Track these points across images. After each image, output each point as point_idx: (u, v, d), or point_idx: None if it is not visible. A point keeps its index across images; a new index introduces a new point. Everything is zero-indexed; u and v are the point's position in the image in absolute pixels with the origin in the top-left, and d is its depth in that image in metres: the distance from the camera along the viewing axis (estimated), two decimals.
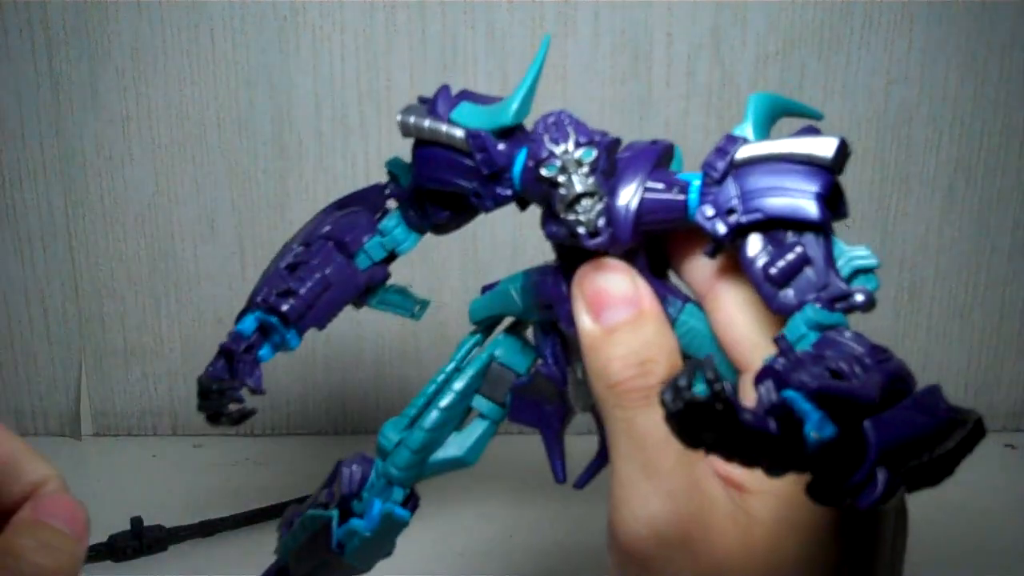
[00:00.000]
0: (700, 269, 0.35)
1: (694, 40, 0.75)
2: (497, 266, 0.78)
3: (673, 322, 0.35)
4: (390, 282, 0.44)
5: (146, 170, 0.77)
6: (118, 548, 0.63)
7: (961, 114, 0.77)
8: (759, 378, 0.25)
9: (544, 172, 0.33)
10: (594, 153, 0.33)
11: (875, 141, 0.77)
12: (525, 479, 0.42)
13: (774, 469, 0.24)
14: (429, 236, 0.43)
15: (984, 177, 0.78)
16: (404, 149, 0.41)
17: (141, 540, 0.64)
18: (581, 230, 0.33)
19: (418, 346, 0.80)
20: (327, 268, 0.41)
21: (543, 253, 0.38)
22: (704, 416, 0.23)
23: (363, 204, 0.43)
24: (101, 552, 0.63)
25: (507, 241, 0.78)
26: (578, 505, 0.41)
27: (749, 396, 0.26)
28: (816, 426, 0.23)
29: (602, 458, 0.40)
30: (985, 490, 0.72)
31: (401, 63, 0.75)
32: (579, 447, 0.42)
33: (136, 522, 0.64)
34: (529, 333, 0.42)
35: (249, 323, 0.41)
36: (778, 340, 0.28)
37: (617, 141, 0.35)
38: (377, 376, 0.81)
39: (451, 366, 0.43)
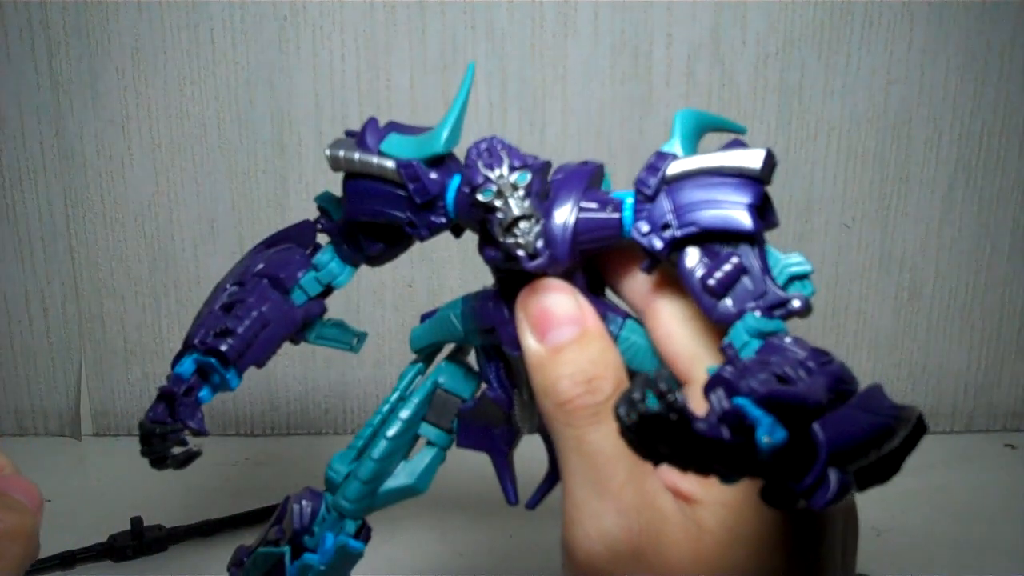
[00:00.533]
0: (637, 285, 0.36)
1: (694, 40, 0.75)
2: None
3: (615, 338, 0.36)
4: (327, 316, 0.44)
5: (146, 170, 0.77)
6: (118, 548, 0.63)
7: (961, 114, 0.77)
8: (709, 387, 0.26)
9: (480, 197, 0.34)
10: (528, 176, 0.34)
11: (875, 141, 0.77)
12: (527, 480, 0.42)
13: (728, 476, 0.25)
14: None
15: (984, 177, 0.78)
16: (337, 181, 0.41)
17: (141, 540, 0.64)
18: (520, 252, 0.33)
19: None
20: (263, 305, 0.41)
21: None
22: (659, 428, 0.23)
23: (293, 241, 0.43)
24: (101, 552, 0.63)
25: None
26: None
27: (694, 407, 0.27)
28: (767, 431, 0.24)
29: (552, 477, 0.41)
30: (985, 490, 0.72)
31: (401, 63, 0.75)
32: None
33: (136, 522, 0.64)
34: (471, 359, 0.42)
35: (188, 365, 0.41)
36: (725, 348, 0.29)
37: (548, 164, 0.36)
38: (377, 376, 0.81)
39: (395, 396, 0.43)
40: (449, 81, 0.75)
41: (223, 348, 0.40)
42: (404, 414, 0.42)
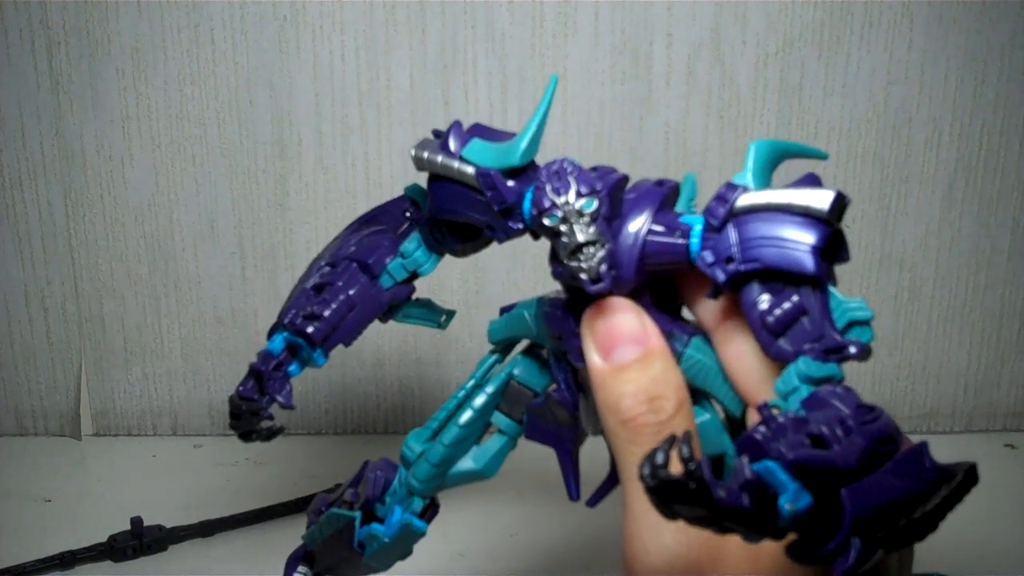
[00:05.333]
0: (710, 304, 0.36)
1: (694, 40, 0.75)
2: (497, 266, 0.78)
3: (680, 356, 0.36)
4: (414, 296, 0.45)
5: (146, 170, 0.77)
6: (118, 548, 0.63)
7: (961, 114, 0.77)
8: (739, 449, 0.26)
9: (546, 222, 0.34)
10: (595, 204, 0.34)
11: (875, 141, 0.77)
12: (530, 478, 0.43)
13: (750, 537, 0.25)
14: None
15: (984, 177, 0.78)
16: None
17: (141, 540, 0.64)
18: (583, 276, 0.34)
19: (418, 346, 0.80)
20: (351, 289, 0.42)
21: (543, 252, 0.38)
22: (680, 492, 0.24)
23: (387, 221, 0.45)
24: (101, 552, 0.63)
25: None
26: (582, 506, 0.42)
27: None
28: (791, 497, 0.24)
29: (613, 479, 0.41)
30: (985, 490, 0.72)
31: (401, 63, 0.75)
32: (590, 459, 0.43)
33: (136, 522, 0.64)
34: (547, 352, 0.43)
35: (278, 343, 0.42)
36: (761, 408, 0.29)
37: (624, 179, 0.36)
38: (377, 376, 0.81)
39: (471, 383, 0.43)
40: (449, 81, 0.75)
41: (309, 331, 0.42)
42: (478, 403, 0.43)
